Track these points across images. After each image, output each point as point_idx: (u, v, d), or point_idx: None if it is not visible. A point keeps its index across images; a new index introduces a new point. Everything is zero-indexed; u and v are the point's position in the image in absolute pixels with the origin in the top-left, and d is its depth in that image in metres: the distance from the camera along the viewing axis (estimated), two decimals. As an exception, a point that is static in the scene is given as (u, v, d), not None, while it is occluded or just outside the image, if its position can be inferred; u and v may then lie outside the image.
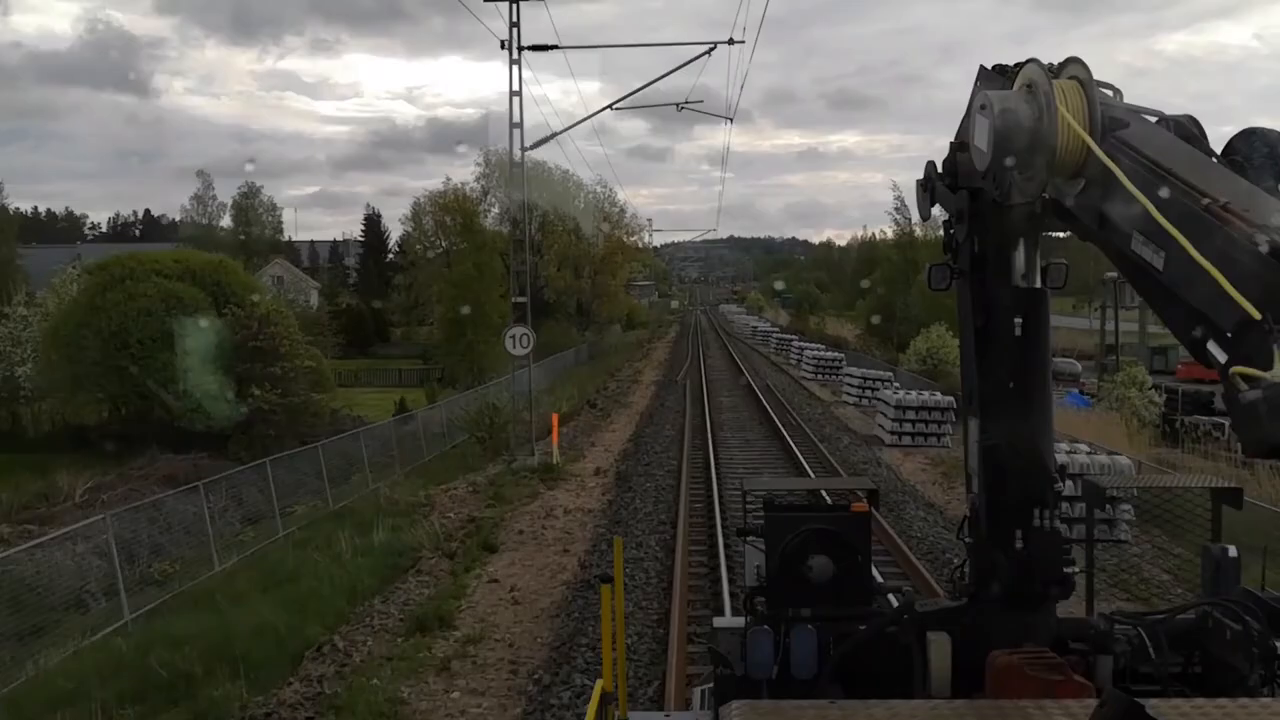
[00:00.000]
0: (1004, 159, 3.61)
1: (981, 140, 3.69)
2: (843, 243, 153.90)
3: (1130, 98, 3.75)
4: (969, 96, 4.33)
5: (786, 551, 4.86)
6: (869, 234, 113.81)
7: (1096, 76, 3.62)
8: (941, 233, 4.98)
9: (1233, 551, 4.89)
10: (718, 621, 5.66)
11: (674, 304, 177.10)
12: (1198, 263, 2.75)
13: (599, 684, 4.86)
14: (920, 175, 4.98)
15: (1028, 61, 3.76)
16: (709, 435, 29.23)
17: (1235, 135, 3.38)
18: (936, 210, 4.98)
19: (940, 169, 4.81)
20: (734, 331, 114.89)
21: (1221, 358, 2.72)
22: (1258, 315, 2.53)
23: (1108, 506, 14.89)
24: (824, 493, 7.94)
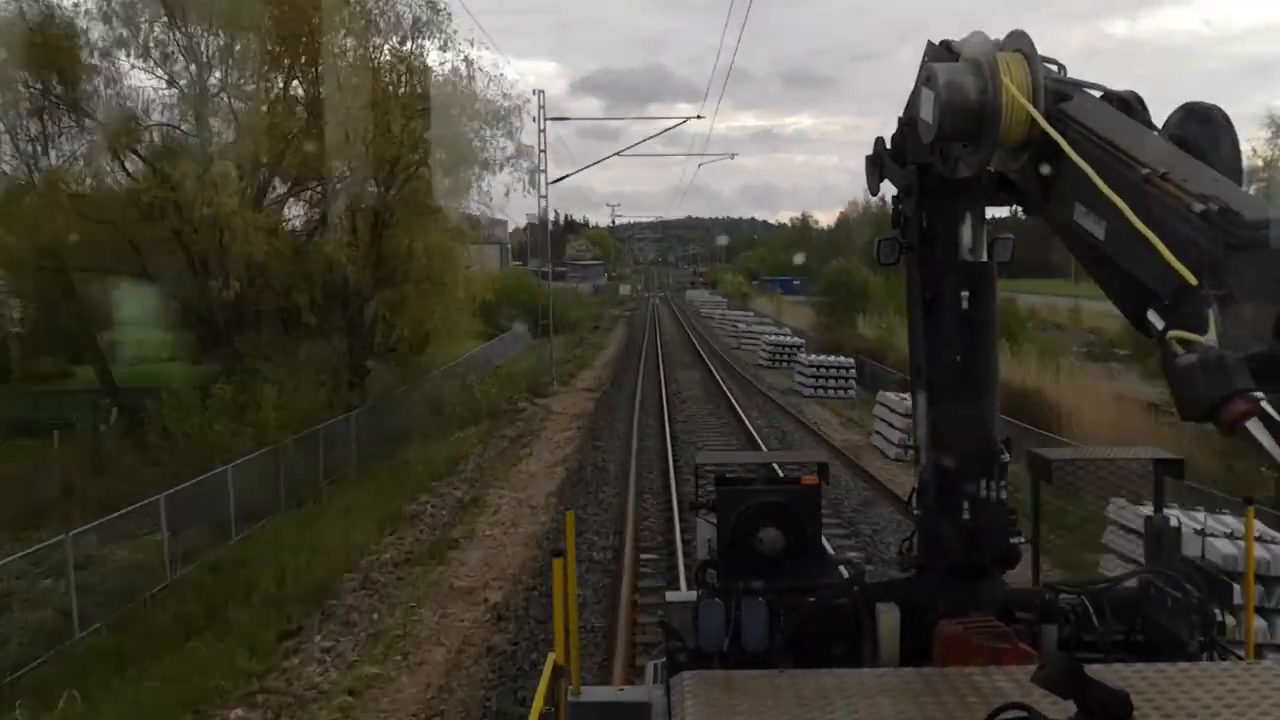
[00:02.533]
0: (950, 131, 3.64)
1: (928, 113, 3.72)
2: (825, 220, 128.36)
3: (1081, 77, 3.78)
4: (918, 72, 4.36)
5: (737, 525, 4.89)
6: (870, 204, 70.74)
7: (1049, 55, 3.66)
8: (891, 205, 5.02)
9: (1174, 521, 4.99)
10: (670, 595, 5.70)
11: (623, 290, 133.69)
12: (1138, 231, 2.80)
13: (551, 658, 4.87)
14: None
15: (972, 35, 3.78)
16: None
17: (1175, 110, 3.44)
18: (886, 185, 5.02)
19: (889, 145, 4.85)
20: (723, 344, 61.34)
21: (1160, 325, 2.76)
22: (1194, 281, 2.57)
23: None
24: (775, 466, 7.96)
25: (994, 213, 4.84)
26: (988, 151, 3.64)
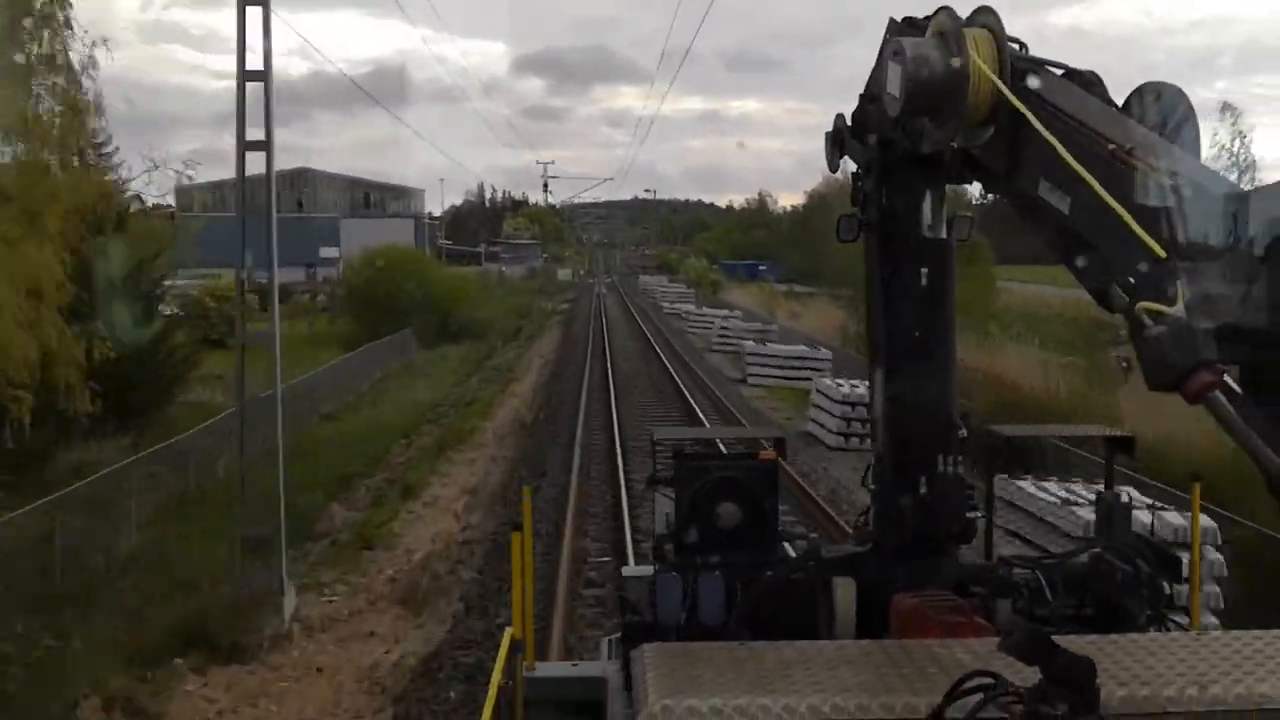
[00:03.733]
0: (917, 105, 3.65)
1: (894, 87, 3.72)
2: (786, 201, 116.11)
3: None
4: (879, 49, 4.37)
5: (695, 500, 4.89)
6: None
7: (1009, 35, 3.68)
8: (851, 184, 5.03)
9: (1125, 497, 5.08)
10: (626, 570, 5.70)
11: (563, 274, 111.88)
12: (1104, 206, 2.83)
13: (508, 632, 4.86)
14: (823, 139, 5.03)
15: (939, 10, 3.79)
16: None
17: (1134, 90, 3.47)
18: (845, 162, 5.03)
19: (850, 121, 4.86)
20: (710, 368, 38.02)
21: (1125, 300, 2.80)
22: (1163, 254, 2.61)
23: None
24: (719, 443, 7.95)
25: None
26: (953, 126, 3.66)
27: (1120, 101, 3.52)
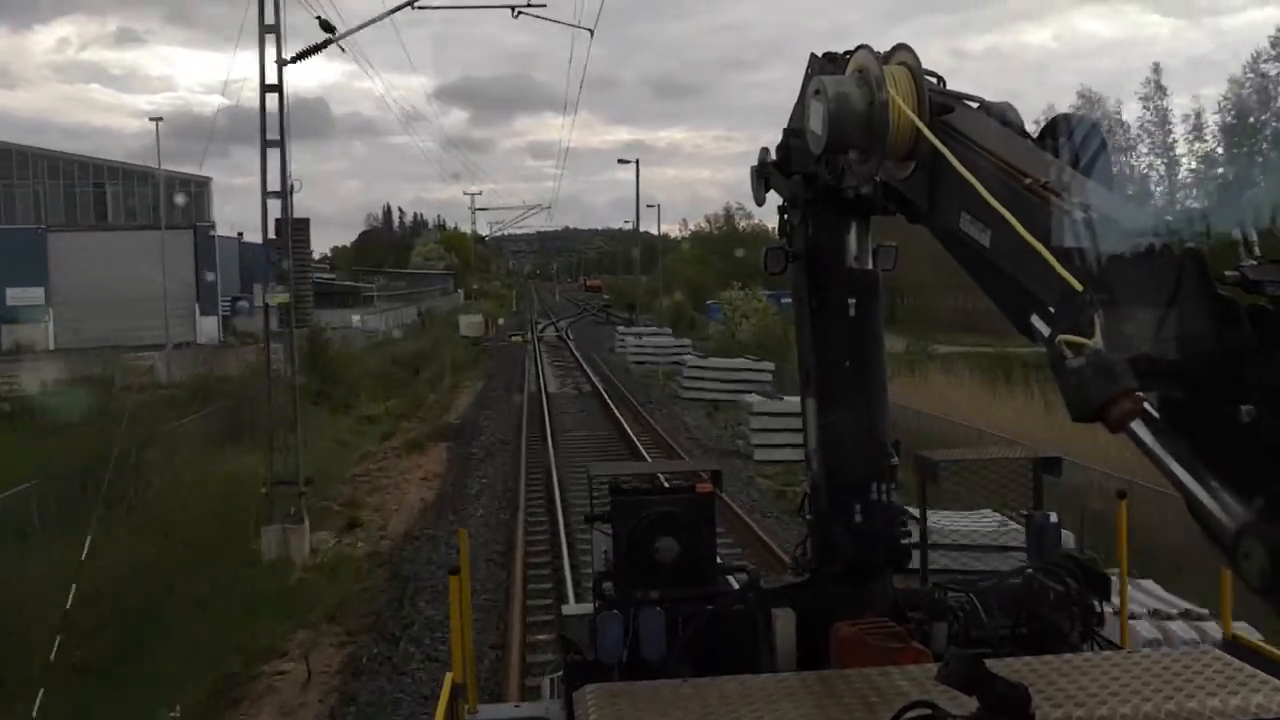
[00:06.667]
0: (838, 142, 3.71)
1: (817, 124, 3.77)
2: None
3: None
4: (801, 85, 4.45)
5: (633, 535, 4.88)
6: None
7: (928, 68, 3.76)
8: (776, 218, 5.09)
9: (1053, 517, 5.18)
10: (566, 609, 5.67)
11: (466, 325, 66.99)
12: (1022, 239, 2.89)
13: (449, 677, 4.80)
14: (750, 168, 5.10)
15: (858, 48, 3.86)
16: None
17: (1049, 121, 3.56)
18: (771, 196, 5.09)
19: (775, 155, 4.92)
20: None
21: (1046, 330, 2.85)
22: (1079, 287, 2.66)
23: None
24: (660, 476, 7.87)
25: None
26: (875, 162, 3.71)
27: (1032, 130, 3.62)
